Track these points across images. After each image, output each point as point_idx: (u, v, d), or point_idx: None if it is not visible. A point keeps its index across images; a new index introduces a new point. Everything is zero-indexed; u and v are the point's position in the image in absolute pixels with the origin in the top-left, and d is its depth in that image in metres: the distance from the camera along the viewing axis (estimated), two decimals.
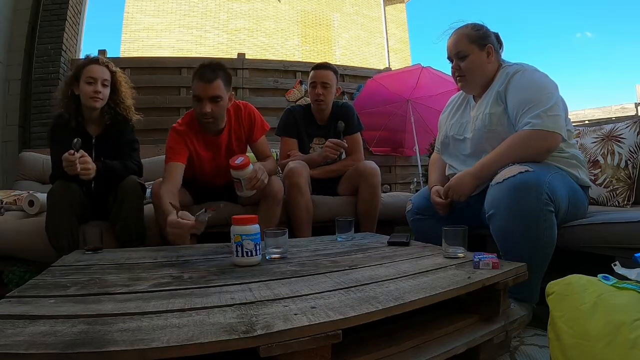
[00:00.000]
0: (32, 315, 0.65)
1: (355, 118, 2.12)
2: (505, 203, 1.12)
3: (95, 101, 1.61)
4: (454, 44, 1.39)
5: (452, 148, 1.50)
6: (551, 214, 1.11)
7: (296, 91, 3.47)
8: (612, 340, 0.68)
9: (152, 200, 1.58)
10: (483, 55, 1.36)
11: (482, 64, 1.36)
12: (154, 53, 7.21)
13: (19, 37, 2.93)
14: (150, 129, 2.90)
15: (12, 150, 2.80)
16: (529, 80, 1.27)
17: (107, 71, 1.66)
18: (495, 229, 1.18)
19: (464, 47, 1.37)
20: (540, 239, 1.11)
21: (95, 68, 1.62)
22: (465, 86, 1.44)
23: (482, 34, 1.37)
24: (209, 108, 1.55)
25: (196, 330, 0.58)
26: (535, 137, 1.19)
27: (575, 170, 1.28)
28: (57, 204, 1.48)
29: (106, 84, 1.64)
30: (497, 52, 1.40)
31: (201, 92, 1.54)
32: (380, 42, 9.43)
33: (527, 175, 1.10)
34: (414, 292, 0.78)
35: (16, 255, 1.61)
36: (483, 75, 1.37)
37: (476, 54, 1.36)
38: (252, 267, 1.02)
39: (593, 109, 7.87)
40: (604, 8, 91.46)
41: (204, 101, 1.55)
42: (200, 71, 1.55)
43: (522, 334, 1.09)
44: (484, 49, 1.36)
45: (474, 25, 1.40)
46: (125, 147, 1.70)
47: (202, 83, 1.53)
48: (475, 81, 1.39)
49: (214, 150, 1.74)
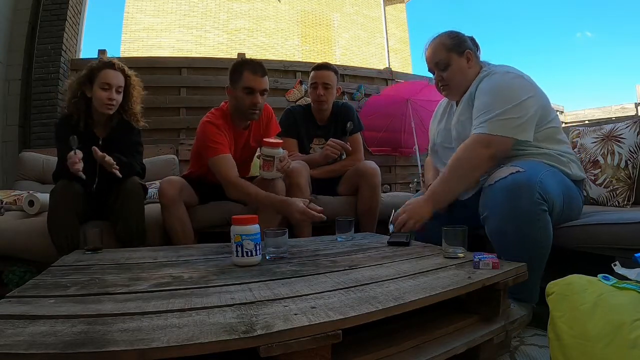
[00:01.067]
0: (32, 315, 0.65)
1: (355, 118, 2.12)
2: (498, 205, 1.13)
3: (108, 108, 1.61)
4: (433, 55, 1.39)
5: (441, 154, 1.51)
6: (545, 213, 1.11)
7: (296, 91, 3.47)
8: (612, 340, 0.68)
9: (230, 190, 1.63)
10: (463, 61, 1.36)
11: (463, 70, 1.36)
12: (154, 53, 7.20)
13: (19, 37, 2.92)
14: (150, 129, 2.87)
15: (12, 150, 2.80)
16: (492, 85, 1.27)
17: (122, 77, 1.64)
18: (490, 231, 1.18)
19: (443, 57, 1.37)
20: (536, 238, 1.11)
21: (111, 74, 1.60)
22: (450, 94, 1.44)
23: (459, 41, 1.37)
24: (261, 100, 1.65)
25: (196, 330, 0.58)
26: (476, 144, 1.20)
27: (566, 167, 1.28)
28: (59, 202, 1.48)
29: (120, 90, 1.64)
30: (476, 55, 1.39)
31: (256, 85, 1.63)
32: (380, 42, 9.44)
33: (519, 175, 1.10)
34: (414, 292, 0.78)
35: (16, 255, 1.61)
36: (466, 81, 1.37)
37: (456, 61, 1.36)
38: (252, 267, 1.02)
39: (593, 109, 7.87)
40: (604, 8, 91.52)
41: (257, 93, 1.64)
42: (250, 65, 1.65)
43: (522, 334, 1.09)
44: (463, 54, 1.36)
45: (449, 33, 1.39)
46: (130, 149, 1.70)
47: (256, 76, 1.63)
48: (460, 88, 1.39)
49: (237, 143, 1.79)
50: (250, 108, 1.66)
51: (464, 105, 1.35)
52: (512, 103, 1.19)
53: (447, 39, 1.38)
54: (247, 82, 1.63)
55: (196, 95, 3.19)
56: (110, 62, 1.63)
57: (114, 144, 1.66)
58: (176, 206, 1.61)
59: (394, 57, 9.39)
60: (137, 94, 1.73)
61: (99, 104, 1.60)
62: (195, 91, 3.20)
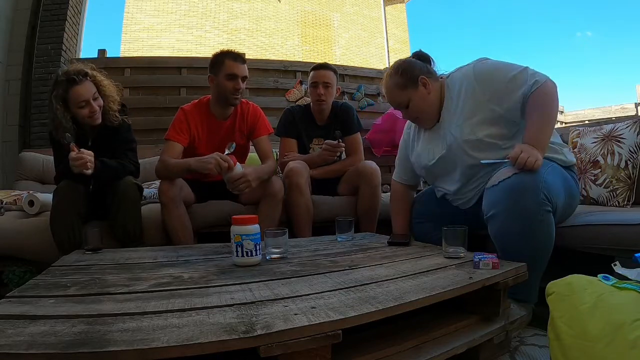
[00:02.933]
0: (32, 315, 0.65)
1: (355, 118, 2.12)
2: (502, 205, 1.12)
3: (95, 119, 1.59)
4: (391, 100, 1.40)
5: (438, 172, 1.43)
6: (549, 213, 1.11)
7: (296, 91, 3.47)
8: (612, 340, 0.68)
9: (161, 172, 1.65)
10: (421, 90, 1.34)
11: (424, 98, 1.34)
12: (154, 53, 7.20)
13: (19, 37, 2.92)
14: (150, 129, 2.90)
15: (12, 150, 2.79)
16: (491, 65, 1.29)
17: (91, 85, 1.58)
18: (494, 231, 1.18)
19: (400, 98, 1.36)
20: (539, 239, 1.11)
21: (80, 90, 1.53)
22: (423, 124, 1.43)
23: (409, 74, 1.34)
24: (242, 85, 1.76)
25: (196, 330, 0.58)
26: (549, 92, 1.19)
27: (559, 155, 1.27)
28: (62, 201, 1.49)
29: (96, 96, 1.59)
30: (431, 74, 1.37)
31: (237, 71, 1.75)
32: (380, 42, 9.43)
33: (523, 175, 1.10)
34: (414, 292, 0.78)
35: (16, 255, 1.61)
36: (431, 106, 1.36)
37: (414, 94, 1.34)
38: (252, 267, 1.02)
39: (593, 109, 7.88)
40: (604, 7, 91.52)
41: (238, 79, 1.75)
42: (230, 54, 1.77)
43: (522, 334, 1.09)
44: (417, 85, 1.34)
45: (396, 69, 1.37)
46: (121, 147, 1.68)
47: (237, 63, 1.76)
48: (430, 115, 1.37)
49: (215, 133, 1.83)
50: (233, 93, 1.76)
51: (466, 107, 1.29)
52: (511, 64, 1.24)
53: (398, 78, 1.35)
54: (229, 69, 1.74)
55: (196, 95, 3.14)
56: (72, 78, 1.52)
57: (104, 143, 1.65)
58: (176, 205, 1.61)
59: (394, 57, 9.32)
60: (109, 92, 1.66)
61: (83, 119, 1.58)
62: (195, 91, 3.19)
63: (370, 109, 3.62)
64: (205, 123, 1.82)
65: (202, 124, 1.81)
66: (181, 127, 1.76)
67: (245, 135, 1.88)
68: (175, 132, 1.75)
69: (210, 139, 1.82)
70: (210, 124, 1.83)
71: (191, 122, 1.78)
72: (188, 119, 1.77)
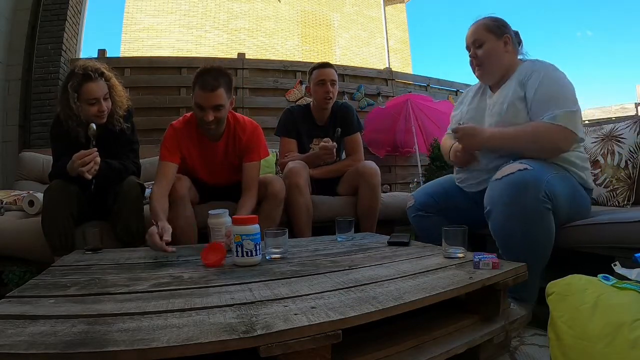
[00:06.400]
0: (32, 315, 0.65)
1: (355, 118, 2.12)
2: (502, 200, 1.13)
3: (100, 119, 1.59)
4: (472, 33, 1.42)
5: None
6: (548, 212, 1.11)
7: (296, 91, 3.47)
8: (612, 340, 0.68)
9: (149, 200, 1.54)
10: (500, 44, 1.37)
11: (499, 52, 1.37)
12: (154, 53, 7.19)
13: (19, 37, 2.92)
14: (150, 129, 2.90)
15: (12, 150, 2.80)
16: (554, 78, 1.27)
17: (104, 84, 1.59)
18: (493, 226, 1.18)
19: (481, 36, 1.39)
20: (538, 236, 1.12)
21: (94, 87, 1.53)
22: (482, 75, 1.44)
23: (500, 24, 1.39)
24: (211, 116, 1.53)
25: (196, 330, 0.58)
26: (555, 132, 1.18)
27: (583, 172, 1.28)
28: (52, 203, 1.47)
29: (107, 97, 1.60)
30: (515, 45, 1.41)
31: (203, 102, 1.51)
32: (380, 42, 9.42)
33: (526, 173, 1.11)
34: (414, 292, 0.78)
35: (16, 255, 1.61)
36: (500, 64, 1.38)
37: (493, 41, 1.37)
38: (252, 267, 1.02)
39: (593, 108, 7.89)
40: (604, 7, 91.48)
41: (207, 110, 1.52)
42: (201, 79, 1.51)
43: (522, 334, 1.09)
44: (501, 38, 1.37)
45: (493, 17, 1.42)
46: (123, 148, 1.68)
47: (204, 92, 1.50)
48: (493, 70, 1.39)
49: (209, 155, 1.71)
50: (203, 124, 1.57)
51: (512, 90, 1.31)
52: (577, 105, 1.22)
53: (489, 21, 1.40)
54: (196, 97, 1.54)
55: None
56: (88, 74, 1.53)
57: (107, 143, 1.64)
58: (185, 203, 1.59)
59: (394, 57, 9.38)
60: (119, 96, 1.67)
61: (90, 118, 1.56)
62: None
63: (370, 109, 3.63)
64: (197, 146, 1.68)
65: (193, 147, 1.68)
66: (172, 145, 1.62)
67: (238, 155, 1.72)
68: (168, 152, 1.61)
69: (206, 163, 1.72)
70: (201, 147, 1.69)
71: (182, 141, 1.65)
72: (178, 136, 1.64)
